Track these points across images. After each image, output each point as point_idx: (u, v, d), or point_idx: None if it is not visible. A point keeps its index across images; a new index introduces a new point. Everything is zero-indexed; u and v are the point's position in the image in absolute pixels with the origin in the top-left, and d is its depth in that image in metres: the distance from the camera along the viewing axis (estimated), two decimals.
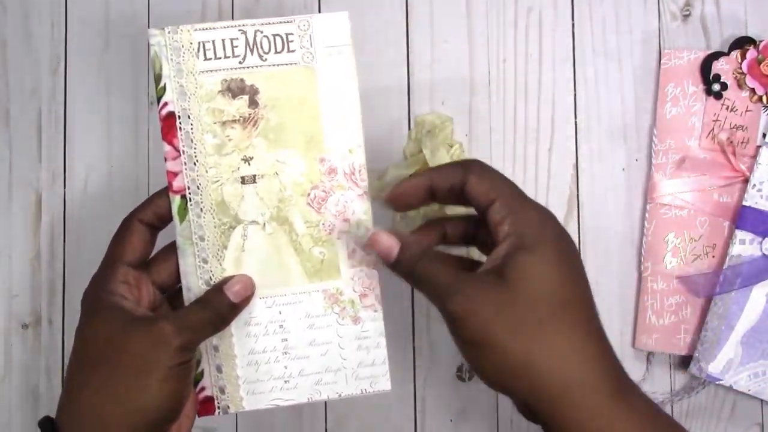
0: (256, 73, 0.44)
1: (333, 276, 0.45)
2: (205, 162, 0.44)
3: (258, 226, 0.45)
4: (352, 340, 0.46)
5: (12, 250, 0.60)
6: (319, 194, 0.45)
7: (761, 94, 0.56)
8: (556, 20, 0.59)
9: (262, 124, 0.44)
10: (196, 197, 0.44)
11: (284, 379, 0.46)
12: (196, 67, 0.44)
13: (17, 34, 0.61)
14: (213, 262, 0.45)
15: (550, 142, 0.59)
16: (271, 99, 0.44)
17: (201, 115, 0.44)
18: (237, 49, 0.44)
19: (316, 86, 0.44)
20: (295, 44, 0.44)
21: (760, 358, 0.54)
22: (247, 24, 0.44)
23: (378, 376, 0.46)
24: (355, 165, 0.45)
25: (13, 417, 0.59)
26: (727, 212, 0.56)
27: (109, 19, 0.60)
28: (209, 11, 0.60)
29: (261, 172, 0.44)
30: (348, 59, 0.44)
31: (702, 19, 0.59)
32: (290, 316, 0.45)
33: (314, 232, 0.45)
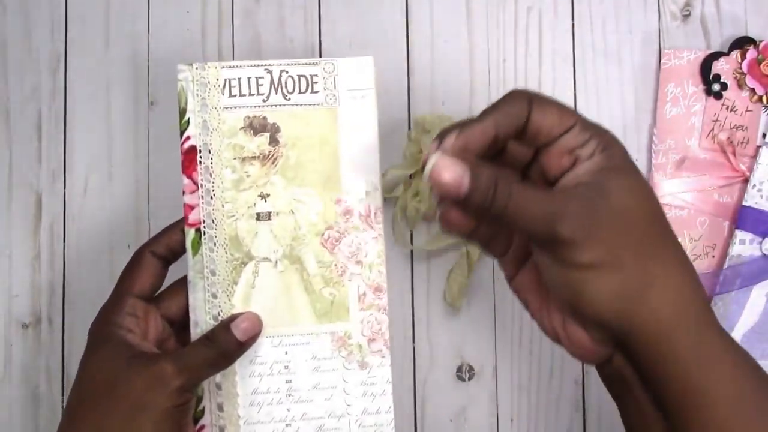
0: (279, 112, 0.45)
1: (342, 318, 0.45)
2: (222, 197, 0.44)
3: (270, 264, 0.45)
4: (358, 386, 0.45)
5: (12, 250, 0.60)
6: (333, 235, 0.45)
7: (761, 94, 0.56)
8: (556, 20, 0.59)
9: (281, 162, 0.45)
10: (210, 231, 0.44)
11: (286, 422, 0.45)
12: (221, 103, 0.45)
13: (17, 34, 0.61)
14: (222, 298, 0.44)
15: None
16: (291, 138, 0.45)
17: (221, 150, 0.44)
18: (262, 88, 0.45)
19: (337, 128, 0.45)
20: (320, 86, 0.45)
21: (760, 358, 0.54)
22: (273, 64, 0.45)
23: (382, 425, 0.45)
24: (371, 207, 0.45)
25: (13, 417, 0.59)
26: (727, 212, 0.56)
27: (109, 19, 0.60)
28: (209, 12, 0.60)
29: (277, 210, 0.45)
30: (370, 103, 0.45)
31: (702, 19, 0.59)
32: (296, 357, 0.45)
33: (326, 272, 0.45)
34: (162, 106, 0.60)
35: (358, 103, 0.45)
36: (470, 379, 0.58)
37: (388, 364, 0.45)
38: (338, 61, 0.45)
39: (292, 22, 0.60)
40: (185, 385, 0.41)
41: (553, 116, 0.36)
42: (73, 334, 0.59)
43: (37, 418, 0.59)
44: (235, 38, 0.60)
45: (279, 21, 0.60)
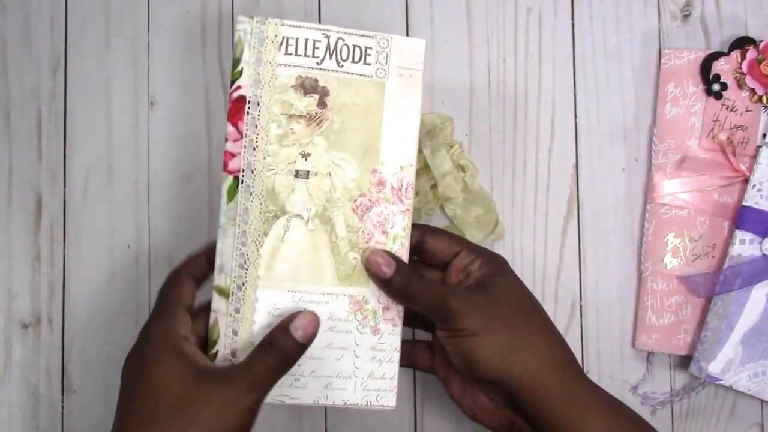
0: (331, 77, 0.46)
1: (362, 283, 0.46)
2: (265, 149, 0.46)
3: (301, 221, 0.46)
4: (368, 350, 0.47)
5: (12, 250, 0.60)
6: (364, 202, 0.46)
7: (761, 94, 0.56)
8: (556, 20, 0.59)
9: (325, 125, 0.46)
10: (248, 181, 0.45)
11: (295, 376, 0.46)
12: (276, 59, 0.46)
13: (17, 34, 0.61)
14: (251, 247, 0.45)
15: (550, 142, 0.59)
16: (339, 103, 0.46)
17: (270, 104, 0.46)
18: (317, 51, 0.46)
19: (383, 101, 0.46)
20: (372, 58, 0.46)
21: (760, 358, 0.54)
22: (332, 30, 0.46)
23: (385, 391, 0.47)
24: (404, 182, 0.47)
25: (13, 417, 0.59)
26: (727, 212, 0.56)
27: (109, 19, 0.60)
28: (209, 12, 0.60)
29: (315, 170, 0.46)
30: (417, 83, 0.47)
31: (702, 19, 0.59)
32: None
33: (353, 237, 0.46)
34: (162, 106, 0.60)
35: (405, 81, 0.46)
36: None
37: (399, 333, 0.47)
38: (393, 38, 0.46)
39: None
40: (258, 401, 0.42)
41: (443, 244, 0.48)
42: (73, 334, 0.59)
43: (37, 418, 0.59)
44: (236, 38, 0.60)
45: None
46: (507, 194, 0.59)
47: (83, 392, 0.59)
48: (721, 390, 0.57)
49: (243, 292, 0.46)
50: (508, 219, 0.58)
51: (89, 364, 0.59)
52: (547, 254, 0.58)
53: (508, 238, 0.58)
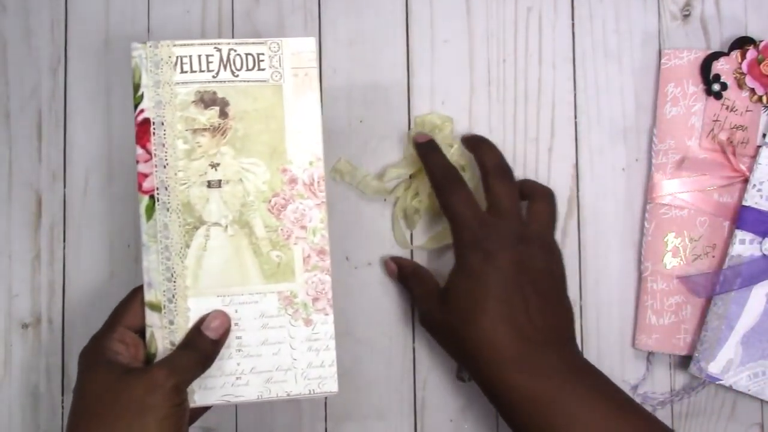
0: (228, 87, 0.48)
1: (288, 279, 0.48)
2: (175, 165, 0.48)
3: (220, 228, 0.48)
4: (303, 342, 0.48)
5: (12, 250, 0.60)
6: (279, 201, 0.48)
7: (761, 94, 0.56)
8: (556, 20, 0.59)
9: (230, 134, 0.48)
10: (164, 197, 0.48)
11: (236, 375, 0.48)
12: (173, 79, 0.48)
13: (17, 34, 0.61)
14: (175, 260, 0.48)
15: (550, 142, 0.59)
16: (240, 111, 0.48)
17: (174, 122, 0.48)
18: (212, 65, 0.48)
19: (282, 103, 0.49)
20: (266, 63, 0.48)
21: (760, 358, 0.54)
22: (222, 43, 0.48)
23: (326, 378, 0.49)
24: (314, 176, 0.49)
25: (13, 417, 0.59)
26: (727, 212, 0.56)
27: (109, 19, 0.60)
28: (209, 12, 0.60)
29: (226, 178, 0.48)
30: (313, 80, 0.49)
31: (702, 19, 0.59)
32: (245, 314, 0.48)
33: (273, 236, 0.48)
34: None
35: (301, 80, 0.49)
36: (470, 379, 0.58)
37: (331, 321, 0.49)
38: (283, 41, 0.49)
39: (292, 22, 0.60)
40: (178, 384, 0.45)
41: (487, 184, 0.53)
42: (73, 334, 0.59)
43: (37, 418, 0.59)
44: (235, 38, 0.60)
45: (279, 21, 0.60)
46: None
47: None
48: (721, 390, 0.57)
49: (174, 303, 0.48)
50: None
51: None
52: None
53: None
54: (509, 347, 0.48)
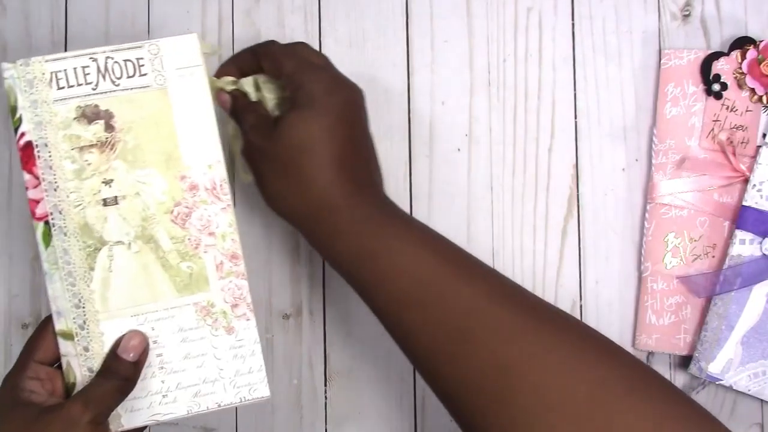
0: (110, 98, 0.46)
1: (203, 289, 0.47)
2: (66, 187, 0.45)
3: (123, 246, 0.46)
4: (227, 350, 0.47)
5: (12, 250, 0.60)
6: (182, 210, 0.46)
7: (761, 94, 0.56)
8: (556, 20, 0.59)
9: (119, 147, 0.46)
10: (59, 222, 0.45)
11: (162, 393, 0.47)
12: (50, 97, 0.45)
13: (17, 34, 0.61)
14: (81, 285, 0.46)
15: (550, 142, 0.59)
16: (126, 122, 0.46)
17: (58, 142, 0.45)
18: (89, 77, 0.46)
19: (170, 107, 0.46)
20: (147, 68, 0.46)
21: (760, 358, 0.54)
22: (97, 51, 0.46)
23: (256, 383, 0.47)
24: (216, 180, 0.47)
25: None
26: (727, 212, 0.56)
27: (109, 19, 0.60)
28: (209, 12, 0.60)
29: (122, 194, 0.46)
30: (200, 79, 0.46)
31: (702, 19, 0.59)
32: (163, 331, 0.47)
33: (180, 247, 0.46)
34: None
35: (187, 80, 0.46)
36: None
37: (254, 326, 0.47)
38: (161, 41, 0.46)
39: (292, 22, 0.60)
40: (96, 417, 0.43)
41: (272, 65, 0.49)
42: None
43: None
44: (235, 38, 0.60)
45: (279, 21, 0.60)
46: (507, 194, 0.59)
47: None
48: (721, 390, 0.57)
49: (86, 330, 0.46)
50: (509, 219, 0.58)
51: None
52: (547, 254, 0.58)
53: (508, 238, 0.58)
54: (344, 184, 0.46)
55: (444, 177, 0.59)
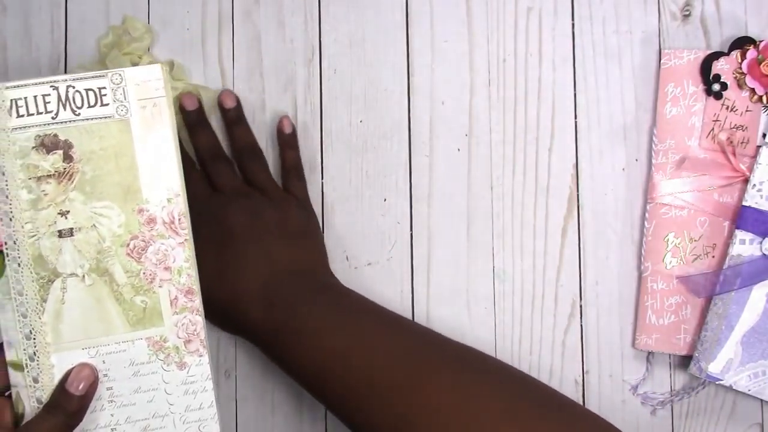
0: (70, 128, 0.45)
1: (156, 323, 0.46)
2: (21, 217, 0.45)
3: (77, 278, 0.45)
4: (179, 385, 0.47)
5: None
6: (138, 244, 0.46)
7: (761, 94, 0.56)
8: (556, 20, 0.59)
9: (77, 178, 0.45)
10: (13, 252, 0.45)
11: (111, 427, 0.46)
12: (9, 124, 0.44)
13: (17, 34, 0.61)
14: (32, 316, 0.45)
15: (550, 142, 0.59)
16: (86, 153, 0.45)
17: (15, 171, 0.44)
18: (50, 105, 0.44)
19: (131, 138, 0.45)
20: (109, 98, 0.45)
21: (760, 358, 0.54)
22: (59, 80, 0.45)
23: (206, 419, 0.47)
24: (174, 214, 0.46)
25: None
26: (727, 212, 0.56)
27: (109, 19, 0.60)
28: (209, 12, 0.60)
29: (78, 225, 0.45)
30: (163, 110, 0.45)
31: (702, 19, 0.59)
32: (114, 364, 0.46)
33: (135, 281, 0.46)
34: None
35: (150, 111, 0.45)
36: None
37: (207, 362, 0.47)
38: (125, 71, 0.45)
39: (292, 22, 0.60)
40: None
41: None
42: None
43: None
44: (235, 38, 0.60)
45: (279, 21, 0.60)
46: (507, 194, 0.59)
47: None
48: (721, 390, 0.57)
49: (36, 361, 0.45)
50: (508, 219, 0.58)
51: None
52: (547, 254, 0.58)
53: (508, 238, 0.58)
54: (254, 281, 0.49)
55: (444, 177, 0.59)
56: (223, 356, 0.59)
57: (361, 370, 0.46)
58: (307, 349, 0.48)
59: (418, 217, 0.59)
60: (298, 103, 0.60)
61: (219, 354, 0.59)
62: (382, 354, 0.47)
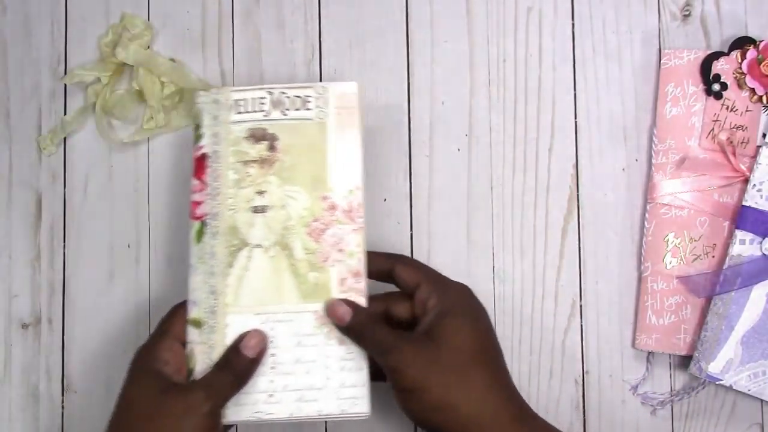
0: (277, 125, 0.52)
1: (324, 299, 0.50)
2: (225, 193, 0.51)
3: (262, 249, 0.51)
4: (337, 361, 0.49)
5: (12, 250, 0.60)
6: (318, 226, 0.51)
7: (761, 94, 0.56)
8: (556, 20, 0.59)
9: (277, 165, 0.52)
10: (213, 222, 0.51)
11: (269, 393, 0.49)
12: (229, 119, 0.52)
13: (17, 34, 0.61)
14: (219, 278, 0.50)
15: (550, 142, 0.59)
16: (287, 145, 0.52)
17: (227, 155, 0.52)
18: (264, 106, 0.53)
19: (326, 138, 0.52)
20: (312, 104, 0.53)
21: (760, 358, 0.54)
22: (275, 87, 0.53)
23: (358, 398, 0.49)
24: (353, 204, 0.51)
25: (13, 417, 0.59)
26: (727, 212, 0.56)
27: (109, 19, 0.60)
28: (209, 12, 0.60)
29: (271, 204, 0.51)
30: (354, 118, 0.52)
31: (702, 19, 0.59)
32: (281, 333, 0.49)
33: (311, 258, 0.50)
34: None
35: (344, 118, 0.52)
36: None
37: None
38: (329, 85, 0.53)
39: (292, 22, 0.60)
40: (213, 409, 0.46)
41: (408, 274, 0.51)
42: (73, 334, 0.59)
43: (37, 418, 0.59)
44: (235, 38, 0.60)
45: (279, 21, 0.60)
46: (507, 194, 0.59)
47: (83, 392, 0.59)
48: (721, 390, 0.57)
49: (214, 320, 0.49)
50: (508, 219, 0.58)
51: (89, 364, 0.59)
52: (547, 254, 0.58)
53: (508, 238, 0.58)
54: (506, 407, 0.47)
55: (444, 177, 0.59)
56: None
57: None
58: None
59: (418, 217, 0.59)
60: None
61: None
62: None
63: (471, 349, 0.47)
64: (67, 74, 0.59)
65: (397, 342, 0.47)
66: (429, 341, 0.47)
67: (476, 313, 0.49)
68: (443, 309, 0.48)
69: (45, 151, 0.59)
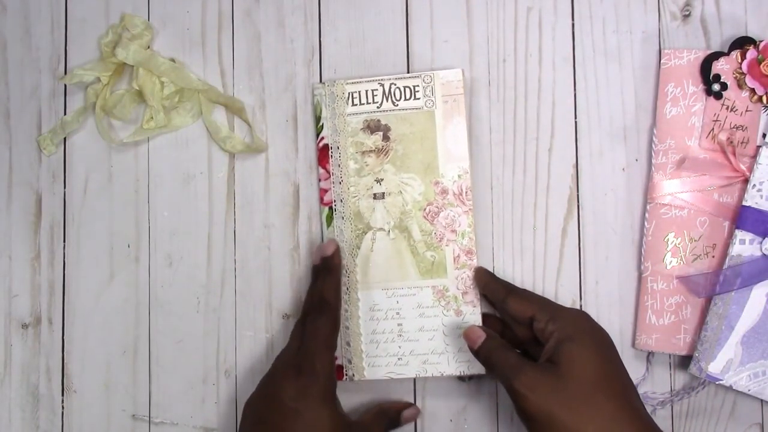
0: (389, 115, 0.57)
1: (441, 275, 0.56)
2: (348, 182, 0.57)
3: (384, 232, 0.57)
4: (454, 329, 0.56)
5: (12, 250, 0.60)
6: (432, 209, 0.56)
7: (761, 94, 0.56)
8: (556, 20, 0.59)
9: (391, 154, 0.57)
10: (339, 208, 0.57)
11: (398, 356, 0.56)
12: (346, 111, 0.57)
13: (17, 34, 0.61)
14: (349, 259, 0.57)
15: (550, 142, 0.59)
16: (400, 135, 0.57)
17: (346, 146, 0.57)
18: (376, 97, 0.57)
19: (435, 126, 0.57)
20: (420, 93, 0.57)
21: (760, 358, 0.54)
22: (385, 79, 0.57)
23: (474, 361, 0.55)
24: (463, 187, 0.56)
25: (13, 417, 0.59)
26: (727, 212, 0.56)
27: (109, 19, 0.60)
28: (209, 12, 0.60)
29: (389, 191, 0.57)
30: (460, 105, 0.57)
31: (702, 19, 0.59)
32: (405, 305, 0.57)
33: (428, 239, 0.57)
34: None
35: (450, 105, 0.57)
36: (470, 379, 0.58)
37: (479, 312, 0.56)
38: (435, 73, 0.57)
39: (292, 22, 0.60)
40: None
41: (521, 305, 0.52)
42: (73, 334, 0.59)
43: (37, 418, 0.59)
44: (235, 38, 0.60)
45: (279, 21, 0.60)
46: (507, 194, 0.59)
47: (83, 392, 0.59)
48: (721, 390, 0.57)
49: (347, 295, 0.57)
50: (508, 219, 0.58)
51: (89, 364, 0.59)
52: (547, 254, 0.58)
53: (507, 238, 0.58)
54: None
55: None
56: (223, 356, 0.59)
57: None
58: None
59: None
60: (298, 103, 0.60)
61: (219, 354, 0.59)
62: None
63: (595, 375, 0.47)
64: (67, 74, 0.59)
65: (522, 366, 0.49)
66: (552, 368, 0.48)
67: (598, 339, 0.50)
68: (563, 336, 0.49)
69: (45, 151, 0.59)
